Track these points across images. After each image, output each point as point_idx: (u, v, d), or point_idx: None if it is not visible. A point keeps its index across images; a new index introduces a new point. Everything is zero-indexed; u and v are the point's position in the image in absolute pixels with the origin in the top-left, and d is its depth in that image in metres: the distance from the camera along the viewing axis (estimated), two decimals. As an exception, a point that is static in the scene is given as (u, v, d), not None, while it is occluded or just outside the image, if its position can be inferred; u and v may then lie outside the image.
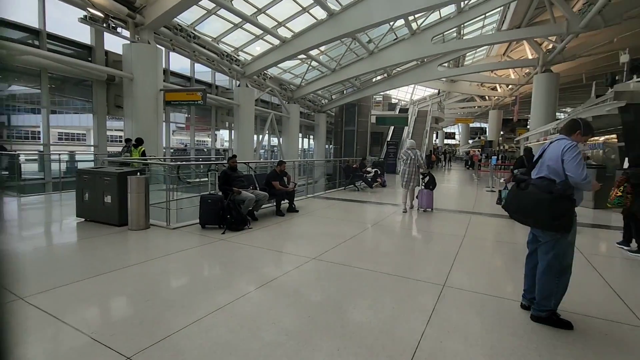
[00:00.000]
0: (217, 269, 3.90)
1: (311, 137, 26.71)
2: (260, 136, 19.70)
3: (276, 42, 14.27)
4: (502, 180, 7.72)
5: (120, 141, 12.93)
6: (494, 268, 4.21)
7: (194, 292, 3.08)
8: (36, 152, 11.37)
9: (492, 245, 5.30)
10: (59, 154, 10.26)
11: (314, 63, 17.67)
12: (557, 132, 14.74)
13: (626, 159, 6.64)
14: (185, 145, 20.83)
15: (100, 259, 3.93)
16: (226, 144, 20.21)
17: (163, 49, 12.37)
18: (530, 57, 20.61)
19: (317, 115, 23.90)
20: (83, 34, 11.37)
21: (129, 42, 10.88)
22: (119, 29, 10.90)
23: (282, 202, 6.89)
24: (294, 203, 7.16)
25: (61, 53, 10.41)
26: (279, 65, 16.99)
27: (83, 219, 5.61)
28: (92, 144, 12.23)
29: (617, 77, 13.75)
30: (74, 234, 5.16)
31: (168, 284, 3.29)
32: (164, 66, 13.27)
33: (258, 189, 6.52)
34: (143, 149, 9.97)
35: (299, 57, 16.20)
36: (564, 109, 36.22)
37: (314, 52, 16.27)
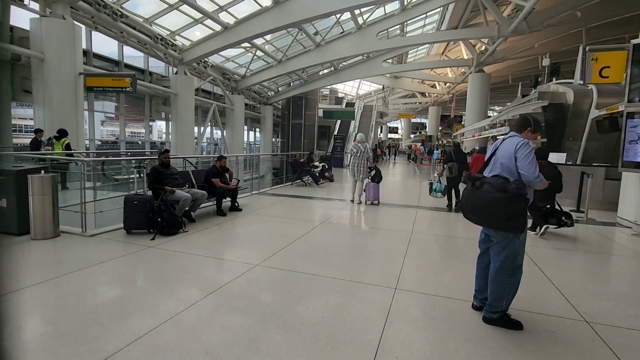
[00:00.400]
0: (141, 285, 3.33)
1: (257, 130, 25.85)
2: (202, 128, 18.51)
3: (217, 27, 13.33)
4: (435, 175, 8.07)
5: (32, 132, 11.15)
6: (443, 266, 4.19)
7: (107, 318, 2.53)
8: None
9: (438, 240, 5.36)
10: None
11: (259, 53, 16.91)
12: (490, 128, 15.86)
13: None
14: (117, 138, 18.86)
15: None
16: (164, 137, 18.66)
17: (83, 27, 10.84)
18: (465, 57, 21.96)
19: (264, 107, 23.14)
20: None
21: (38, 16, 9.32)
22: (26, 1, 9.31)
23: (224, 200, 6.35)
24: (237, 201, 6.65)
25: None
26: (221, 53, 15.99)
27: (-29, 228, 4.57)
28: (-7, 135, 10.35)
29: (539, 79, 15.17)
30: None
31: (74, 310, 2.68)
32: (85, 47, 11.70)
33: (196, 187, 5.91)
34: (67, 141, 8.71)
35: (243, 45, 15.39)
36: (492, 107, 39.53)
37: (259, 41, 15.56)
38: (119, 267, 3.63)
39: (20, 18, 9.79)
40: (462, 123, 34.92)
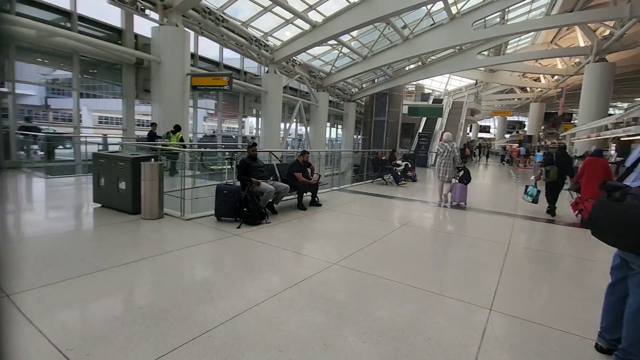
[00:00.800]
0: (226, 271, 3.51)
1: (339, 126, 26.05)
2: (288, 124, 19.34)
3: (306, 26, 13.68)
4: (532, 178, 7.10)
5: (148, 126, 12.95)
6: (552, 289, 3.53)
7: (194, 301, 2.69)
8: (69, 134, 11.62)
9: (544, 257, 4.56)
10: (85, 137, 10.35)
11: (344, 49, 16.93)
12: (614, 128, 13.29)
13: None
14: (214, 132, 20.84)
15: (104, 252, 3.66)
16: (255, 132, 20.04)
17: (192, 32, 12.15)
18: (582, 44, 18.78)
19: (347, 104, 23.17)
20: (113, 17, 11.35)
21: (157, 25, 10.72)
22: (147, 11, 10.76)
23: (305, 194, 6.44)
24: (317, 196, 6.69)
25: (92, 35, 10.40)
26: (308, 52, 16.42)
27: (100, 205, 5.43)
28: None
29: (689, 68, 12.14)
30: (84, 220, 4.99)
31: (168, 288, 2.92)
32: (192, 50, 13.12)
33: (279, 180, 6.11)
34: (181, 135, 9.97)
35: (330, 43, 15.54)
36: (614, 103, 33.13)
37: (345, 38, 15.55)
38: (208, 251, 3.91)
39: (143, 27, 11.39)
40: (573, 122, 30.13)
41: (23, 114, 12.79)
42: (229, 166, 6.32)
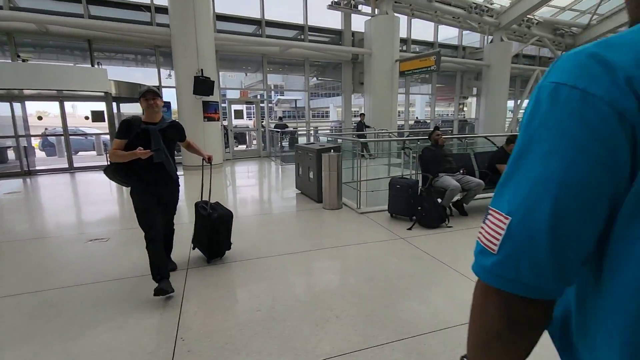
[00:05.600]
0: (382, 285, 2.99)
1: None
2: (519, 101, 15.88)
3: (548, -31, 10.45)
4: None
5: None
6: None
7: (355, 307, 2.38)
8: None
9: None
10: (308, 130, 12.19)
11: (616, -15, 11.86)
12: None
13: None
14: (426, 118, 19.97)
15: (289, 237, 3.99)
16: (474, 114, 17.71)
17: (404, 17, 11.85)
18: None
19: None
20: (336, 20, 12.59)
21: (369, 18, 11.09)
22: (360, 7, 11.31)
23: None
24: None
25: (319, 42, 12.00)
26: (550, 3, 12.60)
27: (299, 191, 6.11)
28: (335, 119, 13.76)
29: None
30: (278, 204, 5.71)
31: (342, 281, 2.77)
32: (405, 35, 12.86)
33: (477, 173, 4.89)
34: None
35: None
36: None
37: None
38: (374, 253, 3.48)
39: (359, 24, 12.02)
40: None
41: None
42: (405, 156, 5.60)
